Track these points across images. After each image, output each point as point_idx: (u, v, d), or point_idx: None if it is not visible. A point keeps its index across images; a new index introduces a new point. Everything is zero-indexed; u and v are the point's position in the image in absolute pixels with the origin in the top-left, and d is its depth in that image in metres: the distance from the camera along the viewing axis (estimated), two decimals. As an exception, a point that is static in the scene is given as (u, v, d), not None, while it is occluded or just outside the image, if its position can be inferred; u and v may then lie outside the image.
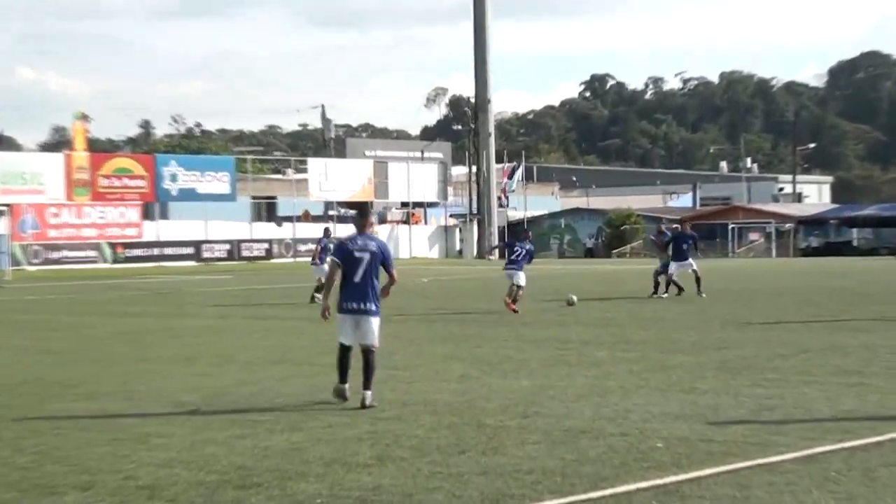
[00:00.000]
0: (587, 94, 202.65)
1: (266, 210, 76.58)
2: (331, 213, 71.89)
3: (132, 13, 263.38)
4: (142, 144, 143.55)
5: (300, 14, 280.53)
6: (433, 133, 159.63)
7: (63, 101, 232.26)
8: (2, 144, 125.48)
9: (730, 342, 16.35)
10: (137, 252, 60.01)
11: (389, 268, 11.14)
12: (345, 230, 45.21)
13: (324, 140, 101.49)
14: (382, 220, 76.05)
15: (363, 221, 11.22)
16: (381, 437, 9.25)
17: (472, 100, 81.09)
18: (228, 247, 64.19)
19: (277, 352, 16.20)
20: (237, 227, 66.20)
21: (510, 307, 22.69)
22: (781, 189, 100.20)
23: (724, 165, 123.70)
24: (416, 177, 75.19)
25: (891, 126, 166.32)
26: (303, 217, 72.22)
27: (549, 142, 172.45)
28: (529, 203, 79.52)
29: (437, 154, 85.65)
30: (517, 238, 25.59)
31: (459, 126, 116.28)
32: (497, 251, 25.36)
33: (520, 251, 23.79)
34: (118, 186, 60.50)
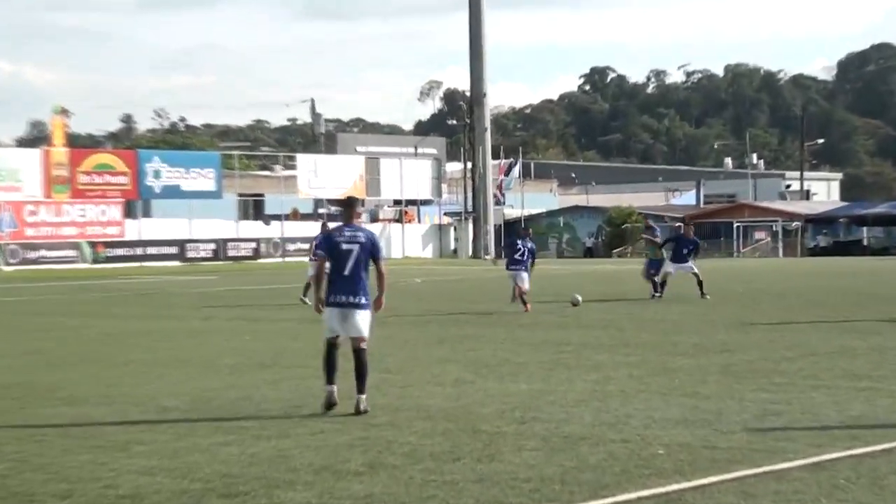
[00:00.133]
0: (587, 88, 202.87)
1: (253, 208, 76.58)
2: (321, 212, 71.88)
3: (114, 4, 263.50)
4: (123, 140, 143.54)
5: (289, 5, 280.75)
6: (427, 128, 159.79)
7: (41, 95, 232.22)
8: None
9: (734, 345, 16.38)
10: (119, 252, 59.95)
11: (379, 260, 11.05)
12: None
13: (313, 135, 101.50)
14: (374, 219, 76.11)
15: (350, 212, 11.27)
16: (373, 444, 9.25)
17: (468, 93, 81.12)
18: (214, 246, 64.16)
19: (265, 355, 16.19)
20: (223, 226, 66.18)
21: (525, 308, 23.31)
22: (788, 186, 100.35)
23: (729, 162, 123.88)
24: (410, 173, 75.19)
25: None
26: (291, 215, 72.20)
27: (548, 137, 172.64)
28: (527, 201, 79.58)
29: (431, 150, 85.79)
30: (518, 236, 25.85)
31: (454, 121, 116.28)
32: (502, 257, 25.61)
33: (522, 249, 24.18)
34: (99, 183, 60.45)
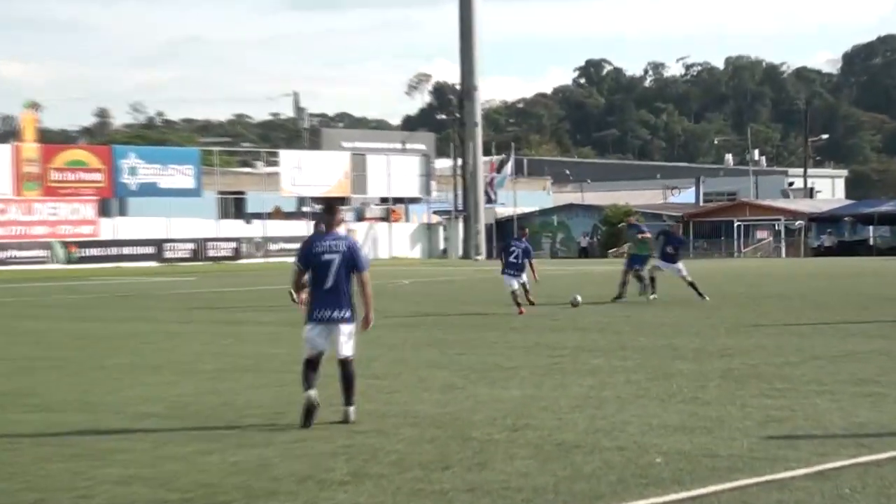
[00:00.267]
0: (582, 81, 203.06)
1: (234, 206, 76.51)
2: (304, 210, 71.85)
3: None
4: (98, 135, 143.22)
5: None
6: (415, 123, 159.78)
7: (11, 88, 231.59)
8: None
9: (735, 349, 16.41)
10: (93, 252, 59.86)
11: (360, 272, 10.64)
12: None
13: (297, 130, 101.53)
14: (360, 217, 76.06)
15: (331, 219, 10.97)
16: (359, 452, 9.25)
17: (458, 87, 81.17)
18: (193, 246, 64.10)
19: (247, 359, 16.18)
20: (202, 225, 66.11)
21: (530, 303, 24.18)
22: (791, 184, 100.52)
23: (730, 158, 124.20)
24: (397, 170, 75.19)
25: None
26: (274, 214, 72.15)
27: (541, 132, 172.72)
28: (519, 199, 79.58)
29: (420, 146, 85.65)
30: (510, 239, 26.20)
31: (444, 115, 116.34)
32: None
33: (516, 251, 24.46)
34: (72, 180, 60.35)
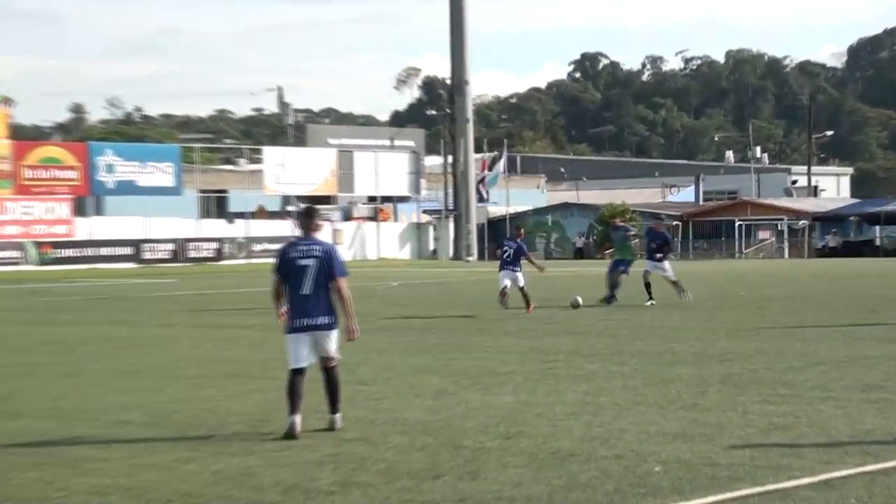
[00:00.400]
0: (577, 75, 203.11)
1: (216, 205, 76.41)
2: (289, 209, 71.77)
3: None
4: (73, 131, 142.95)
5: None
6: (404, 119, 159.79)
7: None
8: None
9: (736, 353, 16.43)
10: (68, 252, 59.73)
11: (338, 279, 10.54)
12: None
13: (281, 126, 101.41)
14: (348, 217, 76.01)
15: (309, 223, 10.94)
16: (346, 461, 9.25)
17: (448, 81, 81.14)
18: (173, 247, 64.00)
19: (230, 365, 16.16)
20: (183, 225, 65.97)
21: (526, 305, 24.58)
22: (795, 182, 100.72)
23: (731, 155, 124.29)
24: (386, 168, 75.13)
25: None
26: (257, 213, 72.04)
27: (535, 129, 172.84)
28: (512, 197, 79.62)
29: (409, 142, 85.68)
30: (504, 238, 26.53)
31: (434, 111, 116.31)
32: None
33: (508, 250, 25.29)
34: (46, 178, 60.20)
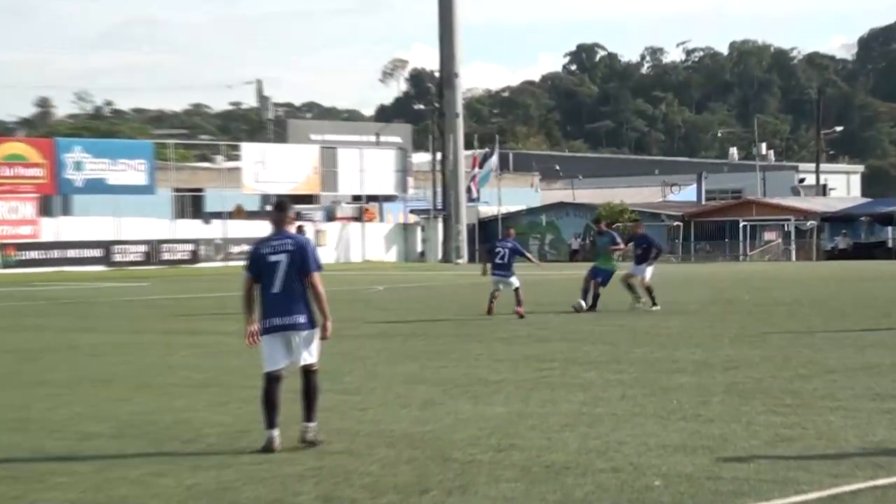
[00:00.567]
0: (573, 68, 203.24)
1: (191, 205, 76.34)
2: (269, 209, 71.72)
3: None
4: (39, 126, 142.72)
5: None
6: (390, 114, 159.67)
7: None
8: None
9: (741, 361, 16.45)
10: (33, 255, 59.60)
11: (309, 272, 10.49)
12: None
13: (260, 121, 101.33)
14: (331, 217, 75.96)
15: (281, 217, 10.86)
16: (329, 475, 9.24)
17: (437, 74, 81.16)
18: (145, 248, 63.89)
19: (205, 373, 16.15)
20: (156, 226, 65.88)
21: (519, 311, 24.60)
22: (802, 180, 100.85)
23: (735, 152, 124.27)
24: (371, 165, 75.07)
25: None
26: (235, 213, 71.93)
27: (528, 124, 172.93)
28: (504, 197, 79.60)
29: (396, 138, 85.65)
30: (495, 240, 26.66)
31: (422, 105, 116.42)
32: (485, 264, 26.75)
33: (502, 251, 25.54)
34: (9, 177, 60.05)
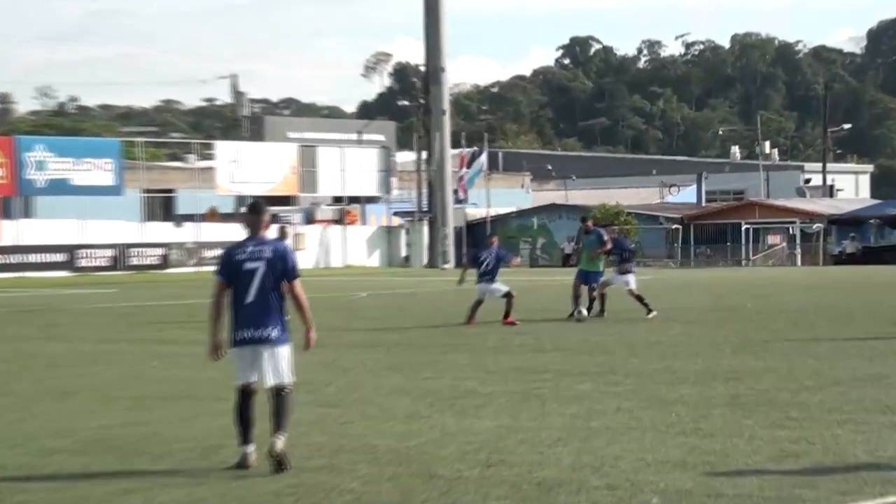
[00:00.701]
0: (566, 62, 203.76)
1: (161, 206, 76.26)
2: (243, 211, 71.70)
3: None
4: None
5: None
6: (373, 110, 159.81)
7: None
8: None
9: (743, 372, 16.47)
10: (-7, 260, 59.50)
11: (290, 279, 10.48)
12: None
13: (235, 118, 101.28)
14: (310, 219, 75.96)
15: (256, 220, 10.87)
16: (308, 492, 9.23)
17: (422, 68, 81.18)
18: (112, 253, 63.82)
19: (177, 385, 16.12)
20: (124, 229, 65.81)
21: (509, 322, 24.78)
22: (808, 181, 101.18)
23: (737, 151, 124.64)
24: (352, 165, 75.12)
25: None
26: (208, 216, 71.88)
27: (519, 121, 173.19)
28: (494, 198, 79.67)
29: (379, 136, 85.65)
30: (479, 248, 26.66)
31: (406, 101, 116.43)
32: (465, 271, 27.04)
33: (486, 259, 25.64)
34: (-34, 177, 59.99)
